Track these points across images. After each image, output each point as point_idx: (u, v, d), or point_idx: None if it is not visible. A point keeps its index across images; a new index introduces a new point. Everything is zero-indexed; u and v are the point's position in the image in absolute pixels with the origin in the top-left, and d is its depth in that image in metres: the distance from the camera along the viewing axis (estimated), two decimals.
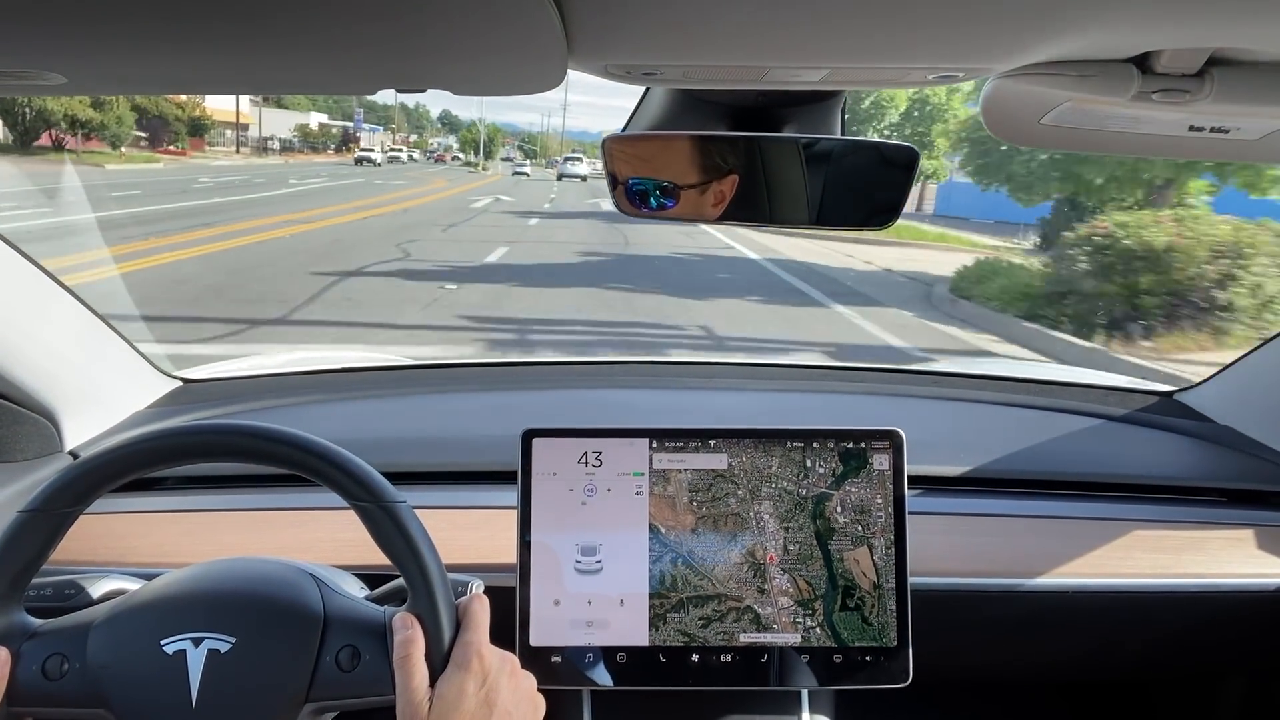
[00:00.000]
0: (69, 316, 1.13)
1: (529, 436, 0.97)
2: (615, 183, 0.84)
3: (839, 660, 0.96)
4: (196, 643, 0.70)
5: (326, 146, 61.72)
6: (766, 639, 0.96)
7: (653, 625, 0.95)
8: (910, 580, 0.97)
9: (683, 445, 0.98)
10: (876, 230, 0.88)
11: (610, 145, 0.84)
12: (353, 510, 0.73)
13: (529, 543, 0.96)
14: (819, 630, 0.96)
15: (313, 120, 64.52)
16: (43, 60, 0.59)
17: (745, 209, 0.85)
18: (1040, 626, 1.13)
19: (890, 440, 0.99)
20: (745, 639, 0.96)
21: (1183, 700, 1.40)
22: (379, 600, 0.79)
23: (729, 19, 0.54)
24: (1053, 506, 1.21)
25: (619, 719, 1.02)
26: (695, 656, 0.95)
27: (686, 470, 0.98)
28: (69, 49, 0.57)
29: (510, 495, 0.98)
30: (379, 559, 0.74)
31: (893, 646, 0.96)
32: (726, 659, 0.96)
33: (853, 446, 0.99)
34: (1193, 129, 0.72)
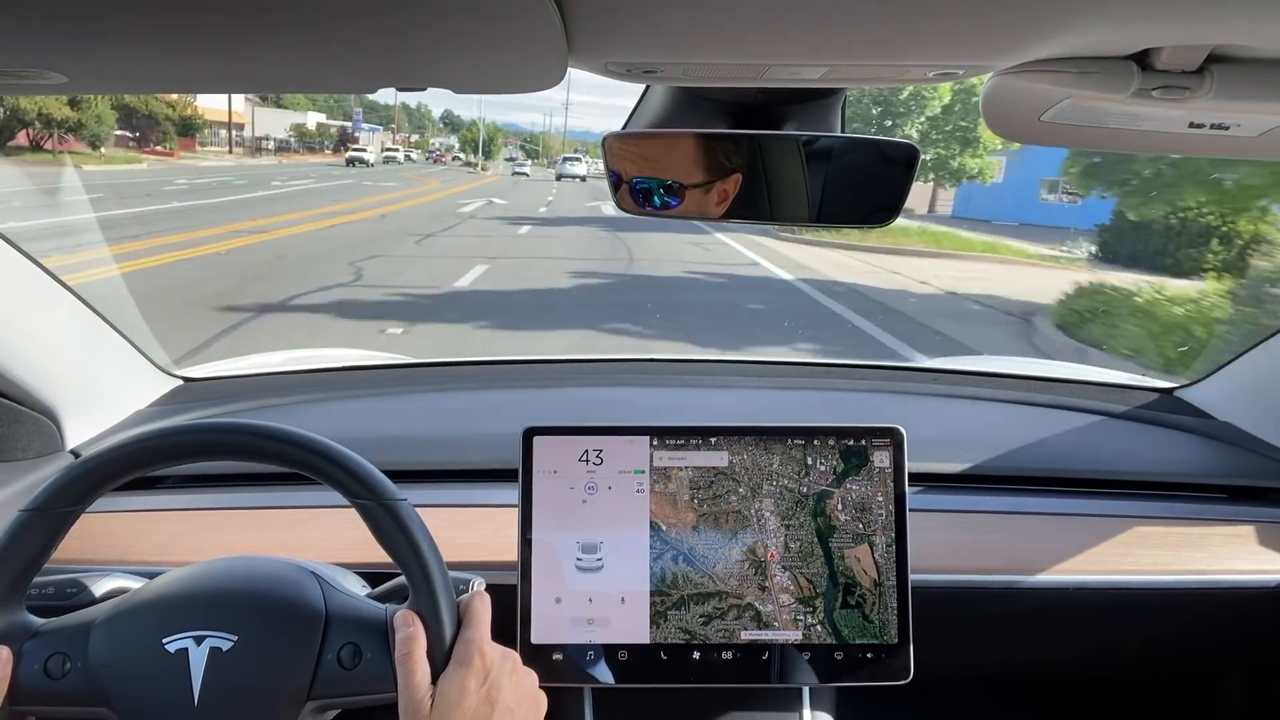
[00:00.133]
0: (69, 315, 1.13)
1: (530, 434, 0.97)
2: (618, 181, 0.84)
3: (840, 658, 0.96)
4: (198, 641, 0.70)
5: (324, 146, 60.94)
6: (767, 636, 0.96)
7: (654, 623, 0.96)
8: (911, 577, 0.97)
9: (683, 443, 0.98)
10: (877, 227, 0.88)
11: (611, 143, 0.84)
12: (354, 508, 0.73)
13: (530, 540, 0.96)
14: (820, 628, 0.97)
15: (310, 120, 63.55)
16: (43, 59, 0.59)
17: (747, 207, 0.85)
18: (1041, 623, 1.13)
19: (891, 437, 0.99)
20: (746, 636, 0.96)
21: (1183, 697, 1.41)
22: (380, 598, 0.79)
23: (729, 17, 0.54)
24: (1053, 503, 1.21)
25: (620, 716, 1.02)
26: (696, 654, 0.96)
27: (687, 468, 0.98)
28: (69, 48, 0.57)
29: (511, 493, 0.98)
30: (380, 557, 0.74)
31: (893, 644, 0.96)
32: (727, 656, 0.96)
33: (853, 444, 0.99)
34: (1193, 126, 0.72)
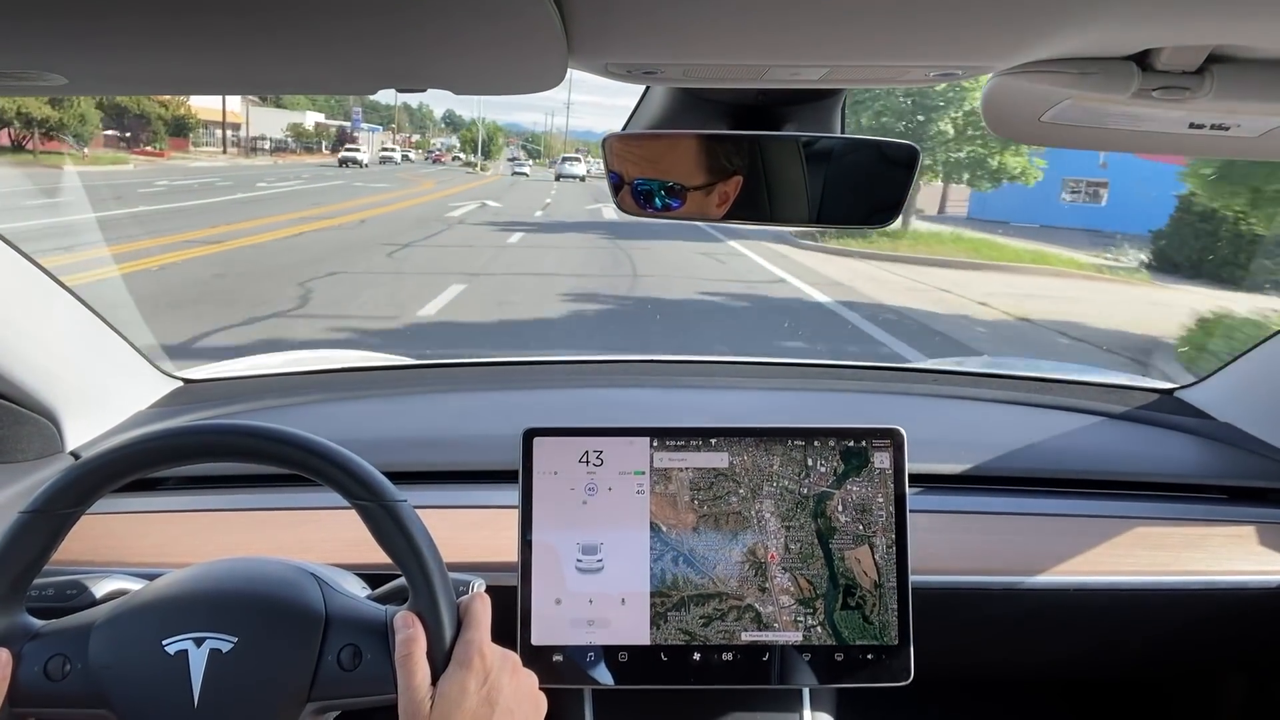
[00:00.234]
0: (70, 317, 1.13)
1: (530, 435, 0.97)
2: (619, 182, 0.84)
3: (840, 659, 0.96)
4: (198, 643, 0.70)
5: (322, 147, 60.06)
6: (768, 637, 0.96)
7: (654, 624, 0.95)
8: (911, 578, 0.97)
9: (684, 444, 0.98)
10: (877, 228, 0.88)
11: (612, 144, 0.84)
12: (354, 510, 0.73)
13: (530, 542, 0.96)
14: (820, 629, 0.96)
15: (309, 119, 62.27)
16: (42, 61, 0.59)
17: (747, 208, 0.85)
18: (1041, 624, 1.13)
19: (891, 438, 0.99)
20: (746, 637, 0.96)
21: (1184, 698, 1.40)
22: (380, 599, 0.79)
23: (729, 18, 0.54)
24: (1054, 504, 1.21)
25: (620, 718, 1.02)
26: (696, 655, 0.96)
27: (688, 469, 0.98)
28: (68, 49, 0.57)
29: (511, 494, 0.98)
30: (380, 558, 0.74)
31: (894, 645, 0.96)
32: (728, 658, 0.96)
33: (854, 445, 0.99)
34: (1193, 126, 0.72)
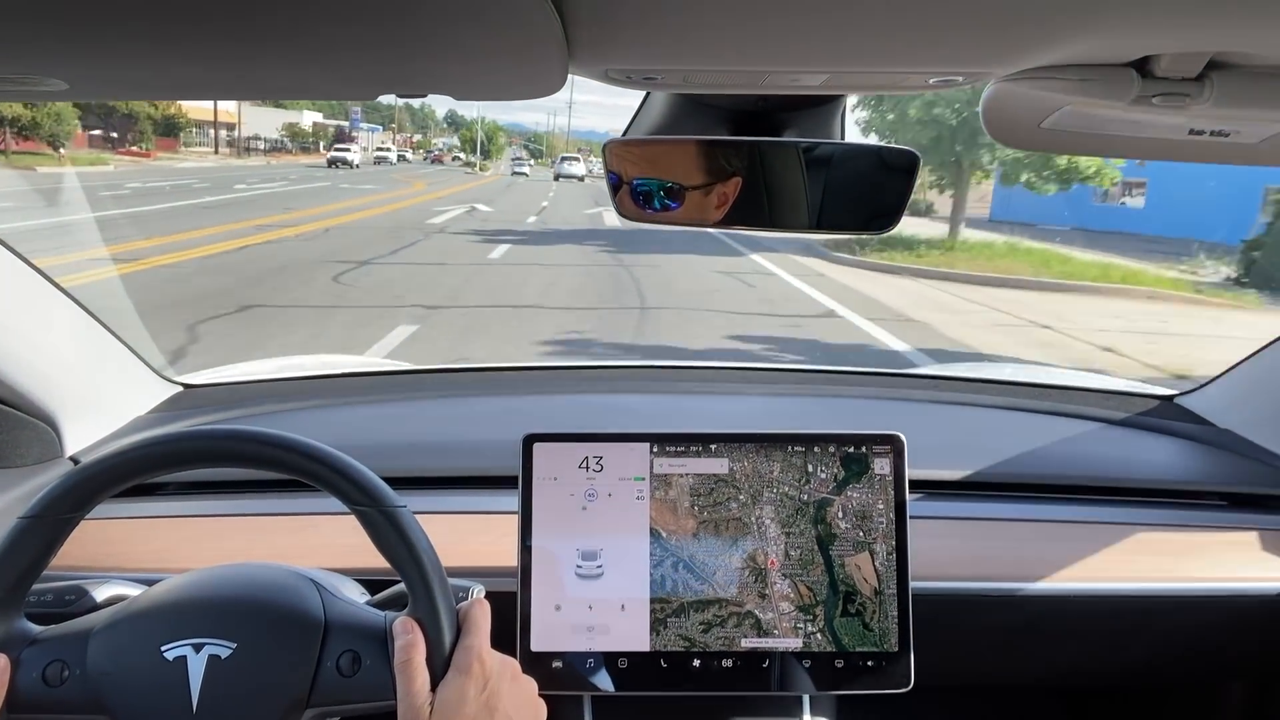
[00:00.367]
0: (69, 321, 1.13)
1: (530, 441, 0.97)
2: (618, 184, 0.84)
3: (840, 665, 0.96)
4: (197, 648, 0.70)
5: (319, 147, 58.20)
6: (767, 644, 0.96)
7: (654, 630, 0.95)
8: (912, 585, 0.97)
9: (684, 450, 0.98)
10: (876, 234, 0.88)
11: (612, 149, 0.85)
12: (353, 515, 0.73)
13: (530, 547, 0.95)
14: (820, 636, 0.96)
15: (306, 119, 61.22)
16: (43, 66, 0.59)
17: (746, 213, 0.86)
18: (1041, 631, 1.12)
19: (891, 444, 0.99)
20: (746, 644, 0.96)
21: (1185, 705, 1.40)
22: (380, 605, 0.79)
23: (729, 25, 0.54)
24: (1054, 510, 1.21)
25: None
26: (696, 661, 0.95)
27: (687, 475, 0.98)
28: (69, 55, 0.57)
29: (511, 500, 0.98)
30: (379, 564, 0.74)
31: (894, 652, 0.96)
32: (728, 664, 0.95)
33: (854, 451, 0.99)
34: (1193, 132, 0.72)
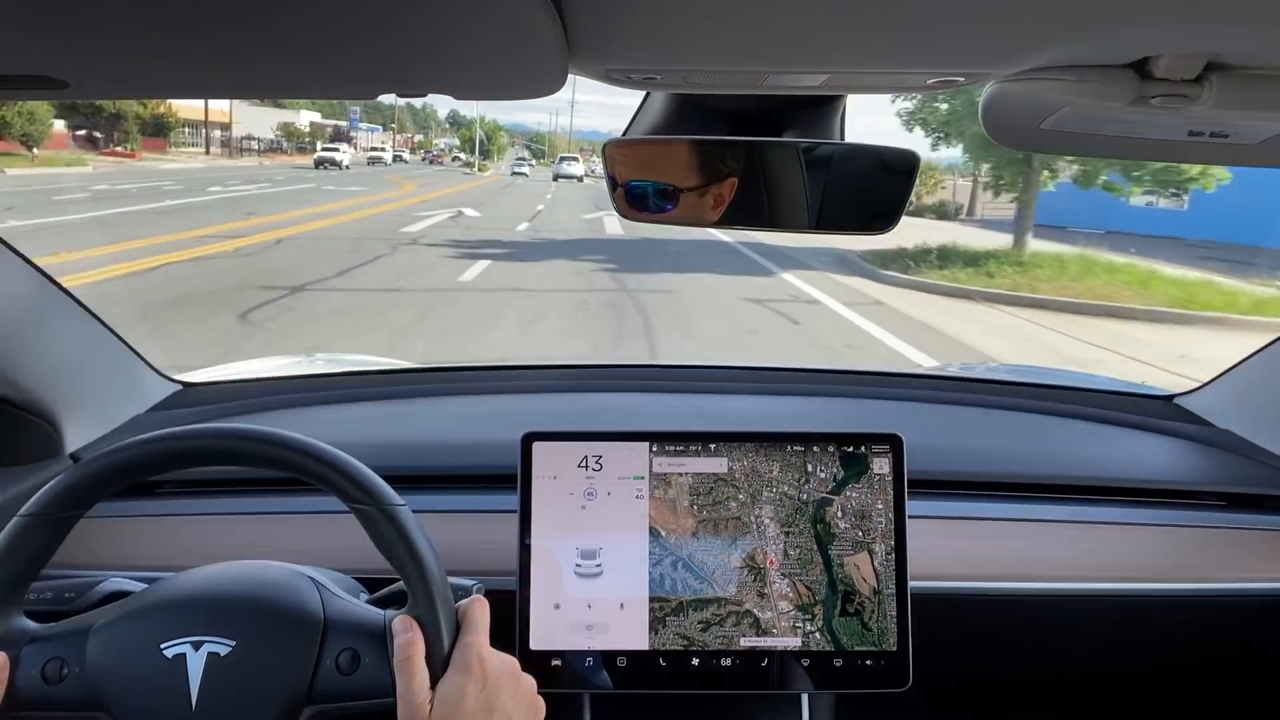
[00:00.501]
0: (69, 320, 1.13)
1: (529, 440, 0.97)
2: (615, 185, 0.85)
3: (839, 665, 0.96)
4: (196, 646, 0.70)
5: (316, 147, 57.66)
6: (766, 643, 0.96)
7: (652, 629, 0.95)
8: (910, 585, 0.97)
9: (683, 449, 0.98)
10: (875, 234, 0.88)
11: (611, 150, 0.85)
12: (353, 514, 0.73)
13: (529, 546, 0.96)
14: (819, 635, 0.96)
15: (303, 119, 59.92)
16: (45, 65, 0.59)
17: (745, 213, 0.86)
18: (1040, 630, 1.12)
19: (890, 444, 0.99)
20: (745, 643, 0.96)
21: (1183, 704, 1.40)
22: (379, 603, 0.79)
23: (729, 25, 0.54)
24: (1053, 510, 1.21)
25: None
26: (695, 660, 0.95)
27: (687, 474, 0.98)
28: (71, 54, 0.57)
29: (510, 499, 0.98)
30: (379, 562, 0.74)
31: (892, 651, 0.96)
32: (726, 663, 0.96)
33: (853, 450, 0.99)
34: (1192, 134, 0.72)
